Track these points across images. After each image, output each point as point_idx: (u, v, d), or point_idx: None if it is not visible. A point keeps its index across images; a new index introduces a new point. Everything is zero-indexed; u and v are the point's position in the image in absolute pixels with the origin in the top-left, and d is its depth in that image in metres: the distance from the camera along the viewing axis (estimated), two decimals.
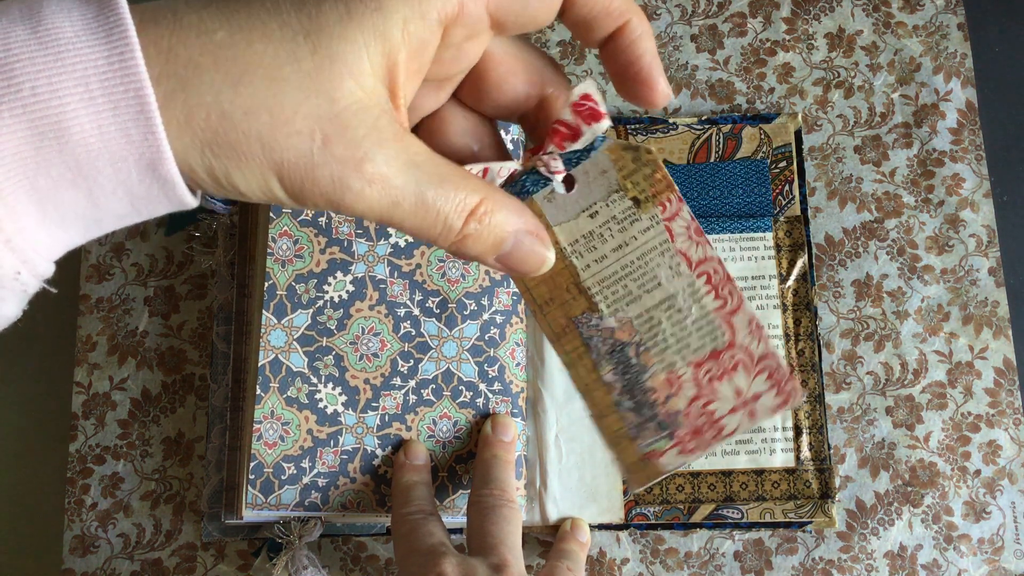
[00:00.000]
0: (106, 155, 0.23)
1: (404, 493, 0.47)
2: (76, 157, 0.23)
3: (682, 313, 0.32)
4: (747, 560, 0.52)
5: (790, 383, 0.30)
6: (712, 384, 0.31)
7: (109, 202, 0.24)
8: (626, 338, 0.32)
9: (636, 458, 0.31)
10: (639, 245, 0.32)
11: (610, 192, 0.32)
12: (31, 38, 0.23)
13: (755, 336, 0.31)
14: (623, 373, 0.32)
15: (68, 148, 0.23)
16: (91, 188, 0.24)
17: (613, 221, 0.32)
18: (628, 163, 0.31)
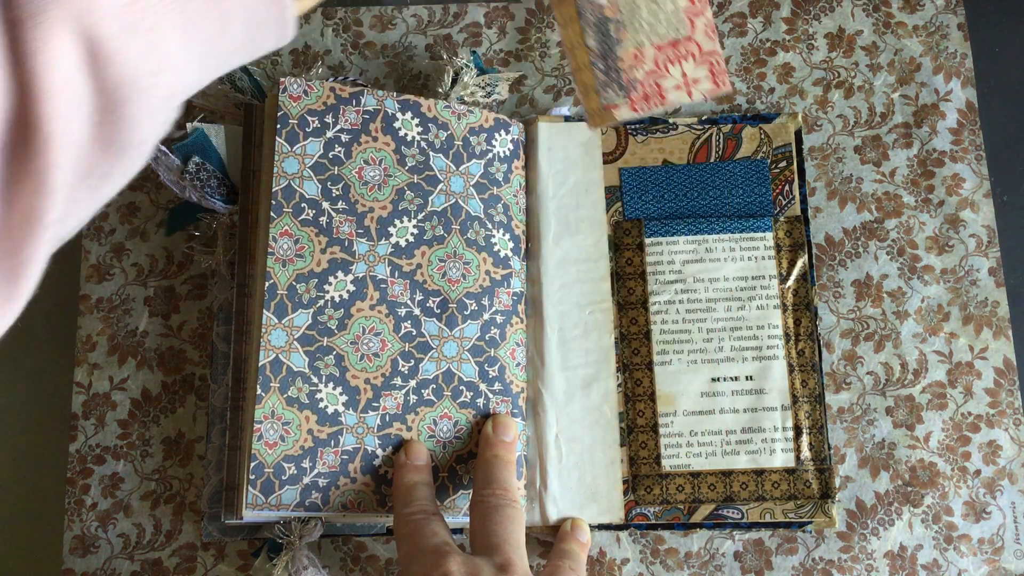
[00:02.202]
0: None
1: (406, 494, 0.47)
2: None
3: (658, 5, 0.40)
4: (747, 560, 0.52)
5: (723, 76, 0.41)
6: (666, 65, 0.40)
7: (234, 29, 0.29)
8: (610, 15, 0.40)
9: (598, 107, 0.39)
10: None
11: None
12: None
13: (708, 36, 0.41)
14: (602, 41, 0.39)
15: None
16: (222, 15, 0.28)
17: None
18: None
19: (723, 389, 0.53)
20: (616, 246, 0.55)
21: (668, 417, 0.53)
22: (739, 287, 0.54)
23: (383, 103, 0.53)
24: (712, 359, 0.53)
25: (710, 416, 0.53)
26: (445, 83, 0.56)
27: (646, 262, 0.54)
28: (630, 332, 0.54)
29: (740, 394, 0.53)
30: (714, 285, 0.54)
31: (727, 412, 0.53)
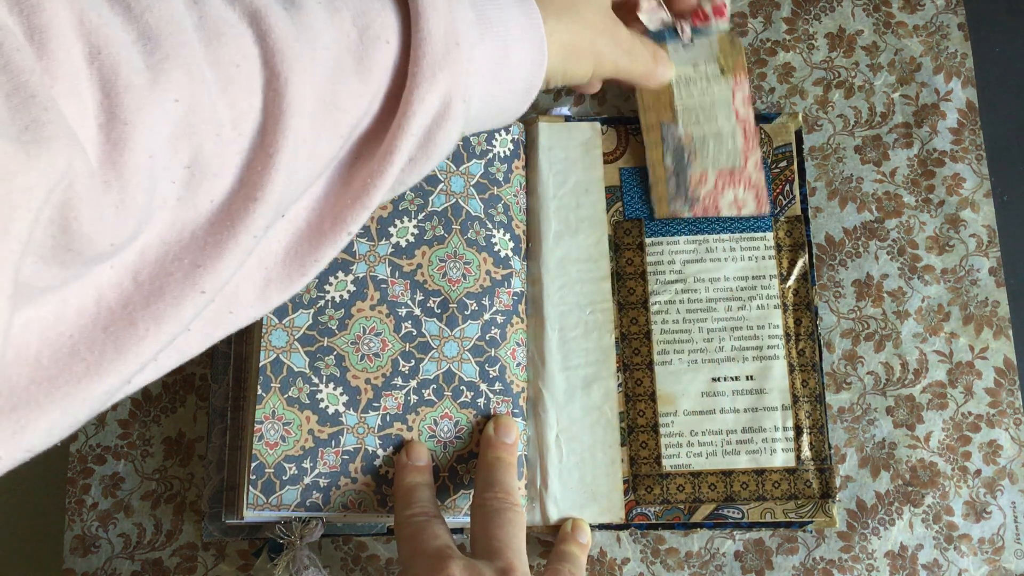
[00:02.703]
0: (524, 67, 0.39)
1: (407, 495, 0.47)
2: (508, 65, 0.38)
3: (723, 142, 0.55)
4: (748, 560, 0.52)
5: (765, 204, 0.55)
6: (724, 187, 0.54)
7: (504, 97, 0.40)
8: (686, 144, 0.55)
9: (667, 212, 0.55)
10: (713, 95, 0.55)
11: (709, 58, 0.55)
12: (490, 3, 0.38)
13: (758, 170, 0.55)
14: (676, 163, 0.55)
15: (507, 62, 0.38)
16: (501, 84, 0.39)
17: (704, 76, 0.55)
18: (727, 46, 0.55)
19: (723, 389, 0.53)
20: (616, 246, 0.55)
21: (668, 417, 0.53)
22: (739, 287, 0.54)
23: None
24: (712, 359, 0.53)
25: (710, 416, 0.53)
26: None
27: (646, 262, 0.54)
28: (630, 332, 0.54)
29: (740, 394, 0.53)
30: (714, 285, 0.54)
31: (727, 412, 0.53)
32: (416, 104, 0.34)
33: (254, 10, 0.30)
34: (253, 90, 0.29)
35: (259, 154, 0.29)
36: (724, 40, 0.55)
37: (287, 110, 0.30)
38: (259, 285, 0.34)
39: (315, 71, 0.31)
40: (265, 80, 0.30)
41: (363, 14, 0.33)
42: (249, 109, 0.29)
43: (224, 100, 0.29)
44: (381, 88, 0.34)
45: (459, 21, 0.35)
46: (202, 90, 0.28)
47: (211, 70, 0.28)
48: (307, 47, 0.31)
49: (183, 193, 0.28)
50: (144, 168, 0.27)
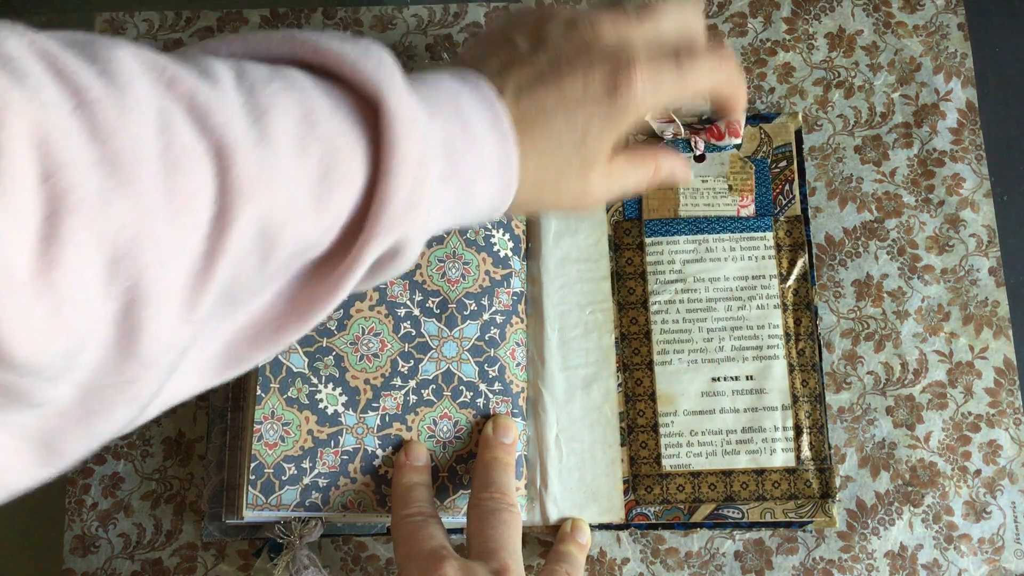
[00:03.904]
0: (486, 203, 0.39)
1: (404, 494, 0.47)
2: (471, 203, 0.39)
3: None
4: (747, 560, 0.52)
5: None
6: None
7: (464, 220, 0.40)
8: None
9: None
10: (719, 210, 0.55)
11: (719, 175, 0.56)
12: (463, 136, 0.37)
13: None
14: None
15: (471, 201, 0.38)
16: (465, 216, 0.39)
17: (713, 190, 0.56)
18: (737, 166, 0.56)
19: (723, 389, 0.53)
20: (616, 246, 0.55)
21: (668, 417, 0.53)
22: (739, 287, 0.54)
23: None
24: (712, 359, 0.53)
25: (710, 416, 0.53)
26: None
27: (646, 262, 0.54)
28: (630, 332, 0.54)
29: (740, 394, 0.53)
30: (714, 285, 0.54)
31: (727, 412, 0.53)
32: (367, 254, 0.34)
33: (222, 145, 0.30)
34: (201, 221, 0.30)
35: (199, 279, 0.30)
36: (736, 159, 0.56)
37: (229, 243, 0.31)
38: (196, 374, 0.35)
39: (267, 208, 0.32)
40: (215, 214, 0.30)
41: (331, 154, 0.33)
42: (195, 238, 0.30)
43: (171, 228, 0.29)
44: (335, 224, 0.34)
45: (426, 180, 0.35)
46: (150, 219, 0.29)
47: (164, 199, 0.29)
48: (265, 185, 0.31)
49: (120, 317, 0.29)
50: (78, 287, 0.27)
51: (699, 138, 0.56)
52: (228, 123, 0.31)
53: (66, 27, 0.59)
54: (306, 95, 0.34)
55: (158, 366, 0.31)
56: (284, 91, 0.33)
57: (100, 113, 0.28)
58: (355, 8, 0.60)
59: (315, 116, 0.34)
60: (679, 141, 0.56)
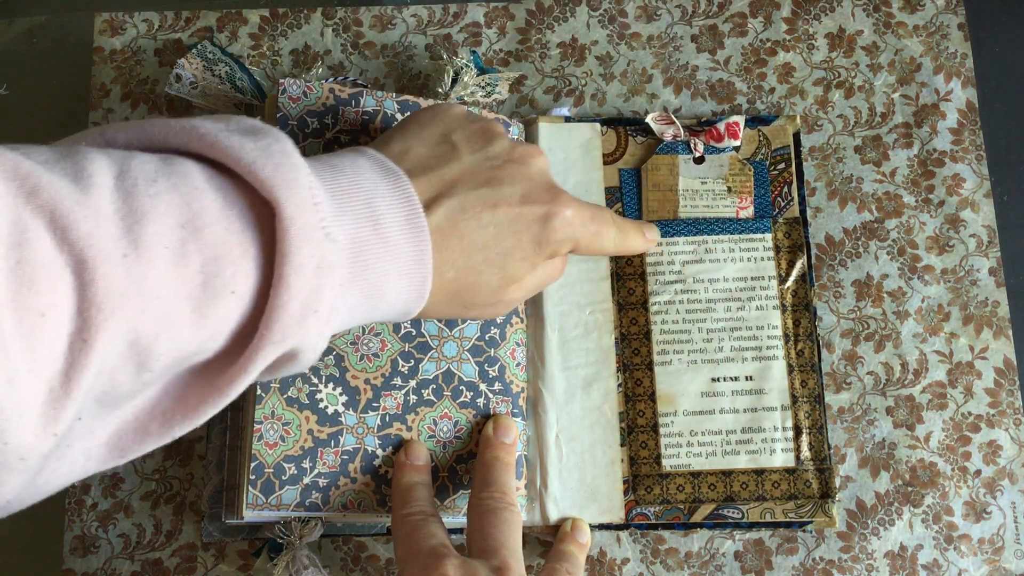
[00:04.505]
0: (397, 305, 0.38)
1: (404, 494, 0.47)
2: (380, 304, 0.37)
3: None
4: (747, 560, 0.52)
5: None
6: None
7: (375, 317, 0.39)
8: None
9: None
10: (718, 211, 0.55)
11: (718, 177, 0.56)
12: (374, 237, 0.36)
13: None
14: None
15: (379, 302, 0.37)
16: (372, 316, 0.38)
17: (712, 192, 0.56)
18: (736, 168, 0.56)
19: (723, 389, 0.53)
20: None
21: (668, 417, 0.53)
22: (738, 288, 0.54)
23: (383, 104, 0.53)
24: (712, 359, 0.53)
25: (710, 416, 0.53)
26: (445, 83, 0.56)
27: (646, 262, 0.54)
28: (630, 332, 0.54)
29: (740, 394, 0.53)
30: (714, 286, 0.54)
31: (727, 412, 0.53)
32: (259, 361, 0.33)
33: (83, 259, 0.29)
34: (58, 337, 0.29)
35: (57, 394, 0.29)
36: (735, 161, 0.55)
37: (91, 358, 0.29)
38: (79, 464, 0.33)
39: (136, 321, 0.30)
40: (75, 328, 0.29)
41: (215, 261, 0.32)
42: (50, 355, 0.29)
43: (22, 346, 0.28)
44: (221, 331, 0.33)
45: (324, 288, 0.34)
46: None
47: (12, 318, 0.28)
48: (133, 297, 0.30)
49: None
50: None
51: (698, 140, 0.56)
52: (92, 234, 0.29)
53: (66, 27, 0.59)
54: (194, 196, 0.32)
55: (12, 471, 0.30)
56: (168, 192, 0.32)
57: None
58: (355, 8, 0.60)
59: (201, 219, 0.32)
60: (679, 142, 0.56)
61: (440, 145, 0.41)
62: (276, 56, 0.58)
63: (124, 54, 0.59)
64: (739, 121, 0.55)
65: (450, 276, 0.39)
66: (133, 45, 0.59)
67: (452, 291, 0.40)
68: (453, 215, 0.39)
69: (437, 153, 0.41)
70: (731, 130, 0.55)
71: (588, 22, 0.59)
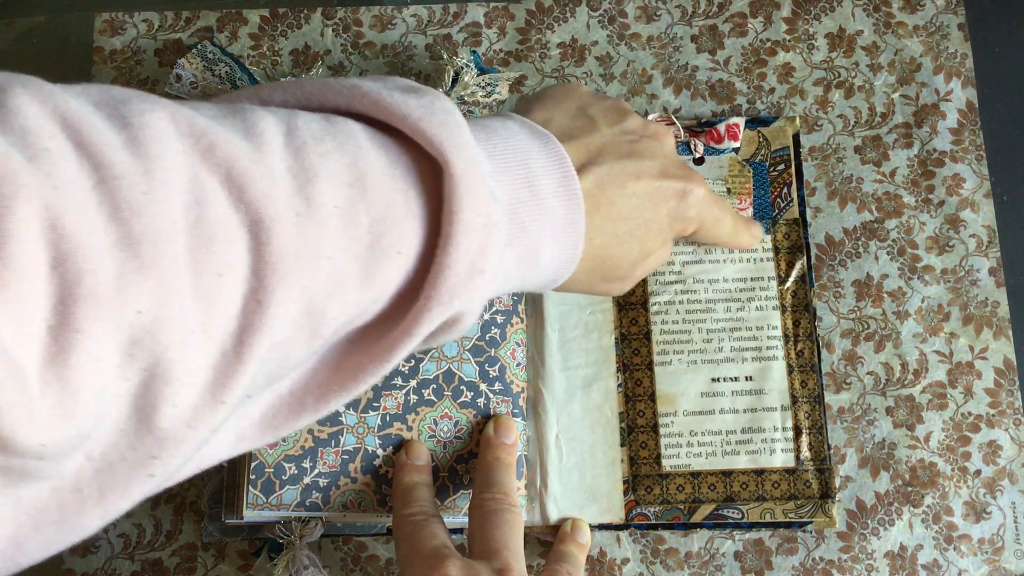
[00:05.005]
0: (548, 270, 0.38)
1: (405, 494, 0.47)
2: (533, 269, 0.37)
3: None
4: (747, 560, 0.52)
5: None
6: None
7: (524, 285, 0.39)
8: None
9: None
10: None
11: (718, 178, 0.56)
12: (531, 199, 0.36)
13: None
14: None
15: (534, 266, 0.37)
16: (524, 282, 0.38)
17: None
18: (736, 169, 0.56)
19: (723, 389, 0.53)
20: None
21: (668, 417, 0.53)
22: (738, 288, 0.54)
23: None
24: (712, 359, 0.53)
25: (710, 416, 0.53)
26: (445, 83, 0.56)
27: None
28: (630, 332, 0.54)
29: (740, 394, 0.53)
30: (713, 286, 0.54)
31: (727, 412, 0.53)
32: (425, 324, 0.32)
33: (259, 218, 0.28)
34: (233, 298, 0.28)
35: (229, 359, 0.28)
36: (734, 162, 0.55)
37: (266, 321, 0.28)
38: (230, 443, 0.33)
39: (309, 282, 0.30)
40: (249, 290, 0.28)
41: (381, 220, 0.31)
42: (225, 316, 0.28)
43: (197, 306, 0.27)
44: (385, 293, 0.32)
45: (491, 247, 0.33)
46: (173, 300, 0.27)
47: (190, 278, 0.27)
48: (307, 258, 0.29)
49: (140, 392, 0.27)
50: (91, 375, 0.26)
51: (698, 141, 0.56)
52: (268, 193, 0.29)
53: (66, 27, 0.59)
54: (360, 155, 0.32)
55: (180, 443, 0.29)
56: (335, 151, 0.31)
57: (123, 191, 0.26)
58: (355, 8, 0.60)
59: (367, 179, 0.31)
60: (679, 143, 0.56)
61: (579, 118, 0.41)
62: (276, 56, 0.59)
63: (124, 54, 0.59)
64: (739, 123, 0.55)
65: (598, 243, 0.39)
66: (133, 45, 0.59)
67: (597, 260, 0.40)
68: (601, 182, 0.39)
69: (578, 124, 0.41)
70: (731, 132, 0.55)
71: (588, 22, 0.59)
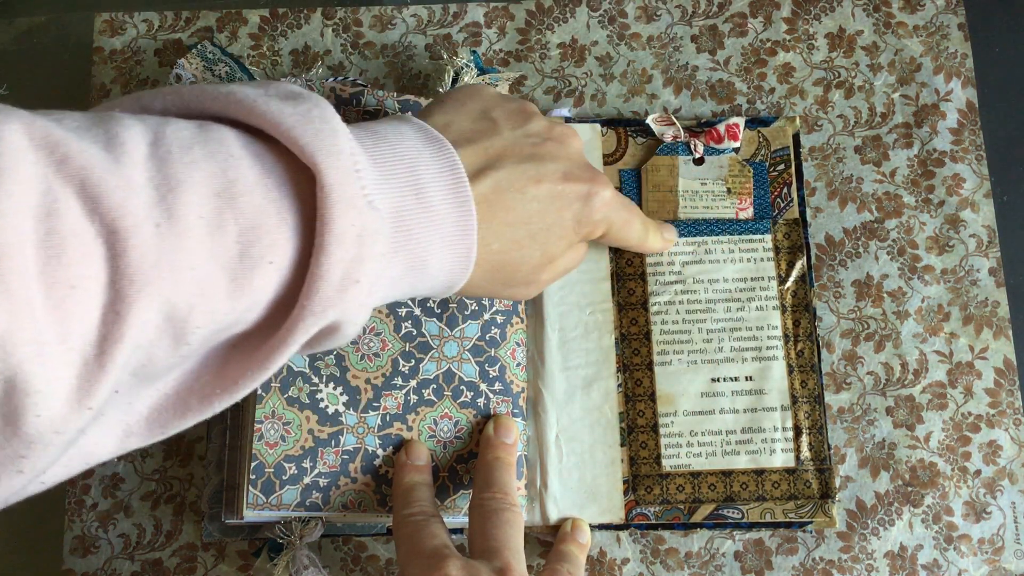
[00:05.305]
0: (440, 277, 0.38)
1: (406, 494, 0.47)
2: (423, 276, 0.37)
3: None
4: (747, 560, 0.52)
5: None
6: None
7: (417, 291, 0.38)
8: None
9: None
10: (717, 212, 0.55)
11: (718, 178, 0.56)
12: (418, 206, 0.35)
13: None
14: None
15: (422, 273, 0.37)
16: (416, 289, 0.38)
17: (712, 193, 0.55)
18: (736, 169, 0.56)
19: (723, 389, 0.53)
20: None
21: (668, 417, 0.53)
22: (738, 288, 0.54)
23: (383, 103, 0.53)
24: (712, 359, 0.53)
25: (710, 416, 0.53)
26: (445, 83, 0.56)
27: (646, 263, 0.54)
28: (630, 332, 0.54)
29: (740, 394, 0.53)
30: (714, 286, 0.54)
31: (727, 412, 0.53)
32: (300, 333, 0.32)
33: (115, 229, 0.28)
34: (89, 309, 0.28)
35: (91, 367, 0.28)
36: (735, 162, 0.55)
37: (125, 331, 0.28)
38: (118, 437, 0.33)
39: (170, 292, 0.29)
40: (107, 300, 0.28)
41: (252, 230, 0.31)
42: (81, 327, 0.28)
43: (51, 318, 0.27)
44: (259, 302, 0.32)
45: (367, 257, 0.33)
46: (24, 314, 0.27)
47: (41, 292, 0.27)
48: (168, 268, 0.29)
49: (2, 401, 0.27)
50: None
51: (698, 141, 0.56)
52: (123, 204, 0.29)
53: (66, 27, 0.59)
54: (230, 164, 0.31)
55: (48, 445, 0.29)
56: (204, 159, 0.31)
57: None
58: (355, 8, 0.60)
59: (237, 187, 0.31)
60: (679, 143, 0.56)
61: (481, 120, 0.41)
62: (276, 56, 0.58)
63: (124, 54, 0.59)
64: (739, 123, 0.55)
65: (495, 248, 0.39)
66: (133, 45, 0.59)
67: (495, 265, 0.40)
68: (499, 187, 0.39)
69: (479, 127, 0.41)
70: (731, 132, 0.55)
71: (588, 22, 0.59)
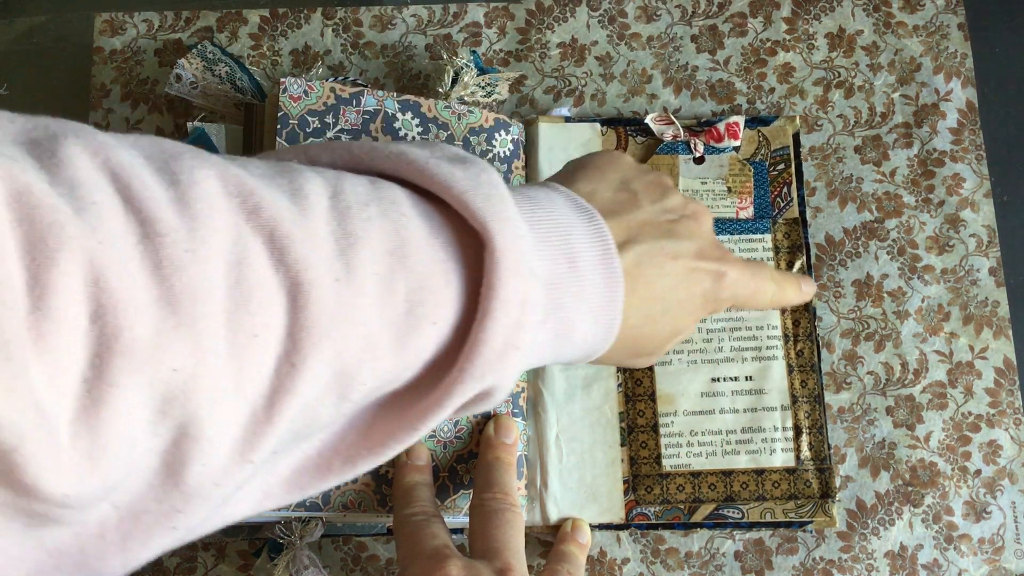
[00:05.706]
0: (583, 347, 0.38)
1: (406, 494, 0.47)
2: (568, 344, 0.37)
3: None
4: (747, 560, 0.52)
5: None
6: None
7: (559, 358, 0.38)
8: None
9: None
10: (716, 209, 0.55)
11: (718, 177, 0.56)
12: (570, 275, 0.35)
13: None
14: None
15: (568, 341, 0.37)
16: (558, 356, 0.38)
17: (712, 191, 0.56)
18: (736, 168, 0.56)
19: (723, 389, 0.53)
20: None
21: (668, 417, 0.53)
22: None
23: (383, 103, 0.53)
24: (712, 359, 0.53)
25: (710, 416, 0.53)
26: (445, 83, 0.56)
27: None
28: None
29: (740, 394, 0.53)
30: None
31: (727, 412, 0.53)
32: (457, 396, 0.32)
33: (299, 281, 0.29)
34: (266, 360, 0.28)
35: (259, 419, 0.29)
36: (735, 161, 0.56)
37: (297, 384, 0.29)
38: (256, 500, 0.33)
39: (342, 347, 0.30)
40: (284, 351, 0.29)
41: (419, 290, 0.31)
42: (257, 377, 0.28)
43: (231, 366, 0.28)
44: (417, 361, 0.32)
45: (526, 324, 0.33)
46: (209, 360, 0.27)
47: (226, 338, 0.27)
48: (342, 323, 0.29)
49: (170, 449, 0.27)
50: (121, 429, 0.26)
51: (698, 140, 0.56)
52: (308, 257, 0.29)
53: (66, 27, 0.59)
54: (402, 223, 0.32)
55: (205, 499, 0.29)
56: (379, 217, 0.31)
57: (166, 247, 0.27)
58: (355, 8, 0.60)
59: (408, 247, 0.31)
60: (679, 143, 0.56)
61: (621, 191, 0.41)
62: (276, 56, 0.58)
63: (124, 54, 0.59)
64: (739, 121, 0.55)
65: (632, 322, 0.39)
66: (133, 45, 0.59)
67: (630, 338, 0.39)
68: (640, 260, 0.39)
69: (620, 199, 0.40)
70: (731, 130, 0.55)
71: (588, 22, 0.59)
